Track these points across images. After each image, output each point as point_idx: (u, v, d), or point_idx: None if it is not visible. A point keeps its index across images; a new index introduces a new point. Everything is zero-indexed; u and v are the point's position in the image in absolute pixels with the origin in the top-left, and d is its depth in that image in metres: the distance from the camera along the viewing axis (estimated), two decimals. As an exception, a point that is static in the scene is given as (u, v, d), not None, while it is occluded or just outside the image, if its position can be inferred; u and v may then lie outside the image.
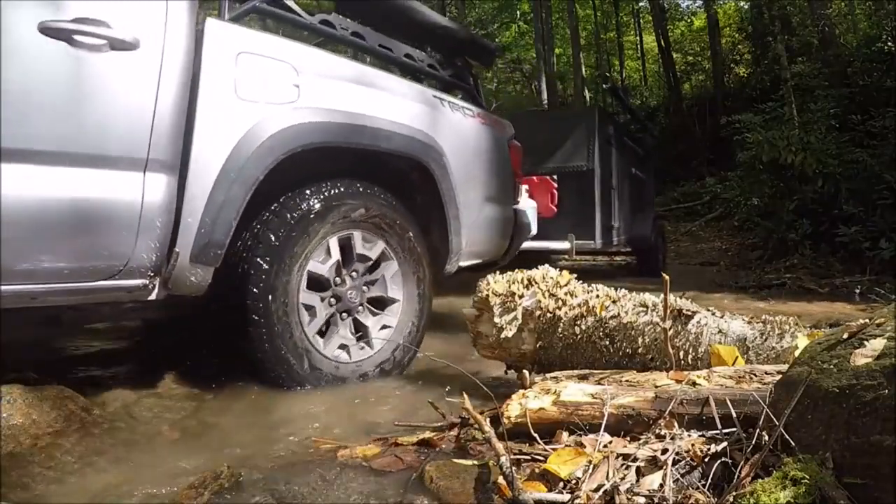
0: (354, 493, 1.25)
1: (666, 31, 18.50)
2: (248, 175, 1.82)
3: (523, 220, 3.22)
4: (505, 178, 3.07)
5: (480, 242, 2.86)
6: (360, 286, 2.26)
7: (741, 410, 1.19)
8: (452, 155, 2.56)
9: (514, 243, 3.17)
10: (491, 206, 2.91)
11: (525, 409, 1.39)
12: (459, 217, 2.60)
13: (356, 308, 2.24)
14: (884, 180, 6.17)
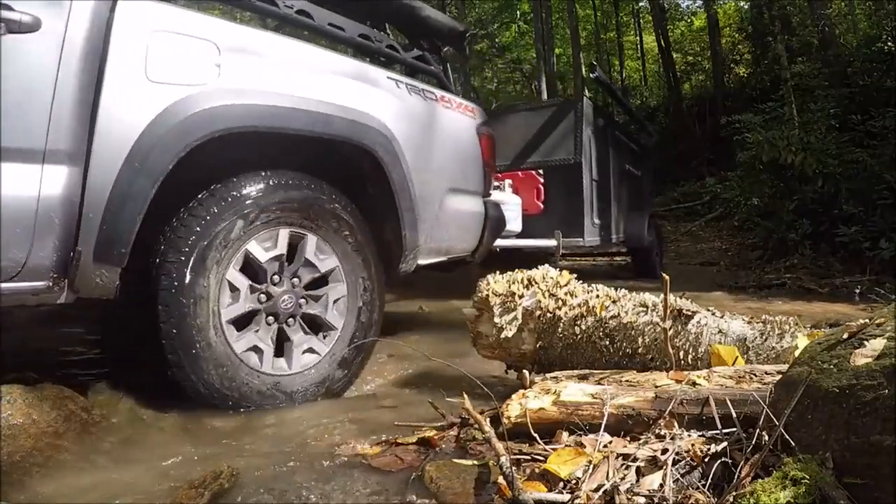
0: (354, 494, 1.25)
1: (666, 31, 18.50)
2: (155, 165, 1.65)
3: (495, 214, 3.00)
4: (473, 167, 2.83)
5: (444, 238, 2.62)
6: (298, 295, 1.99)
7: (741, 410, 1.19)
8: (407, 141, 2.33)
9: (486, 239, 2.94)
10: (456, 198, 2.67)
11: (525, 409, 1.39)
12: (416, 210, 2.36)
13: (285, 316, 1.96)
14: (884, 180, 6.17)
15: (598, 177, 5.49)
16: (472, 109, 2.91)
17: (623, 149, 6.72)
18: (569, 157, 5.21)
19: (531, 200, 5.10)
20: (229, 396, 1.82)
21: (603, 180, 5.67)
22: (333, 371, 2.05)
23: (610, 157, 5.98)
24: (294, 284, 1.99)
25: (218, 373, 1.79)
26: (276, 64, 1.97)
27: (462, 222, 2.77)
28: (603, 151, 5.77)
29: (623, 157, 6.64)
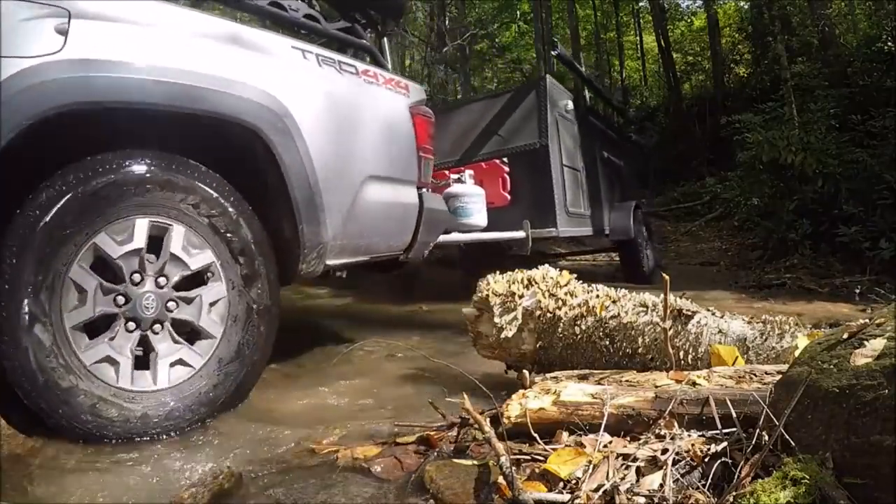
0: (354, 494, 1.25)
1: (666, 31, 18.50)
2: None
3: (433, 206, 2.63)
4: (404, 152, 2.47)
5: (363, 234, 2.28)
6: (164, 297, 1.71)
7: (741, 410, 1.19)
8: (309, 119, 2.04)
9: (422, 235, 2.56)
10: (380, 188, 2.33)
11: (525, 409, 1.39)
12: (318, 201, 2.04)
13: (149, 322, 1.68)
14: (884, 180, 6.16)
15: (570, 162, 5.01)
16: (404, 86, 2.56)
17: (600, 135, 6.25)
18: (533, 141, 4.71)
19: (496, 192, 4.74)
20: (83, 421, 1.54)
21: (576, 167, 5.20)
22: (210, 388, 1.76)
23: (584, 142, 5.49)
24: (160, 284, 1.70)
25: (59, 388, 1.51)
26: (137, 30, 1.69)
27: (388, 216, 2.41)
28: (575, 136, 5.27)
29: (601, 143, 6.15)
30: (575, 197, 5.06)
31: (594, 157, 5.85)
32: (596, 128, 6.11)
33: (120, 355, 1.64)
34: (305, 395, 2.06)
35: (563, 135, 4.93)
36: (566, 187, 4.82)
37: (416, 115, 2.56)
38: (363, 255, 2.35)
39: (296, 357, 2.61)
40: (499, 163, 4.81)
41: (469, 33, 14.36)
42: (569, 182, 4.91)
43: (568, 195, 4.84)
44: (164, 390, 1.68)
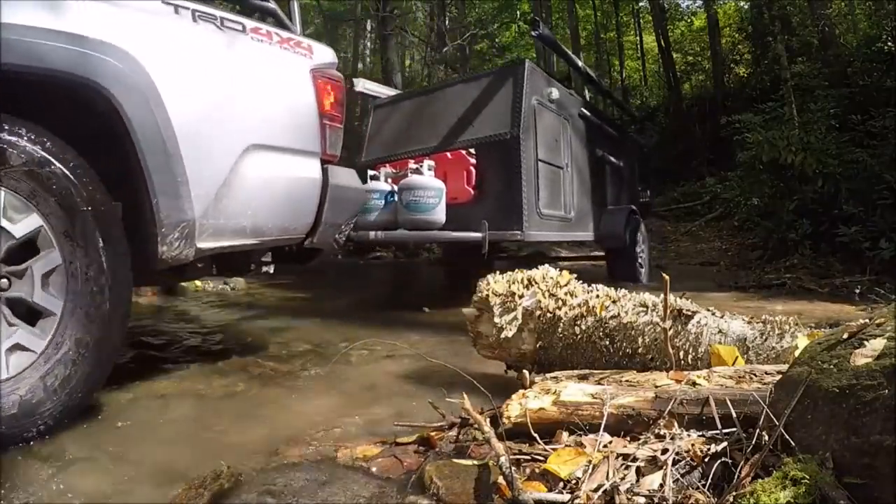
0: (354, 493, 1.25)
1: (666, 31, 18.51)
2: None
3: (341, 183, 2.31)
4: (300, 119, 2.19)
5: (244, 213, 2.01)
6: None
7: (741, 410, 1.19)
8: (172, 78, 1.81)
9: (328, 216, 2.26)
10: (267, 159, 2.06)
11: (525, 409, 1.39)
12: (180, 170, 1.79)
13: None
14: (884, 180, 6.17)
15: (549, 158, 4.46)
16: (306, 47, 2.29)
17: (594, 130, 5.67)
18: (504, 130, 4.14)
19: (460, 186, 4.21)
20: None
21: (558, 163, 4.66)
22: (56, 377, 1.54)
23: (571, 136, 4.95)
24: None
25: None
26: None
27: (280, 192, 2.12)
28: (558, 128, 4.74)
29: (594, 139, 5.62)
30: (553, 197, 4.50)
31: (585, 154, 5.37)
32: (590, 122, 5.61)
33: None
34: (305, 395, 2.06)
35: (542, 126, 4.38)
36: (540, 185, 4.25)
37: (320, 78, 2.26)
38: (250, 237, 2.06)
39: (295, 357, 2.62)
40: (465, 154, 4.29)
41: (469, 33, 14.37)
42: (545, 179, 4.33)
43: (542, 194, 4.28)
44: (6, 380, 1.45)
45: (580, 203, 5.08)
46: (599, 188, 5.72)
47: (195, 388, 2.09)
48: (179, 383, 2.15)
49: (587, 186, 5.35)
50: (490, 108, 4.36)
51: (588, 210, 5.33)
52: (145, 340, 2.97)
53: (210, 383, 2.16)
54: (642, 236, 6.12)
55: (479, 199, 4.15)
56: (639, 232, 6.00)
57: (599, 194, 5.71)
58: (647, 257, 6.24)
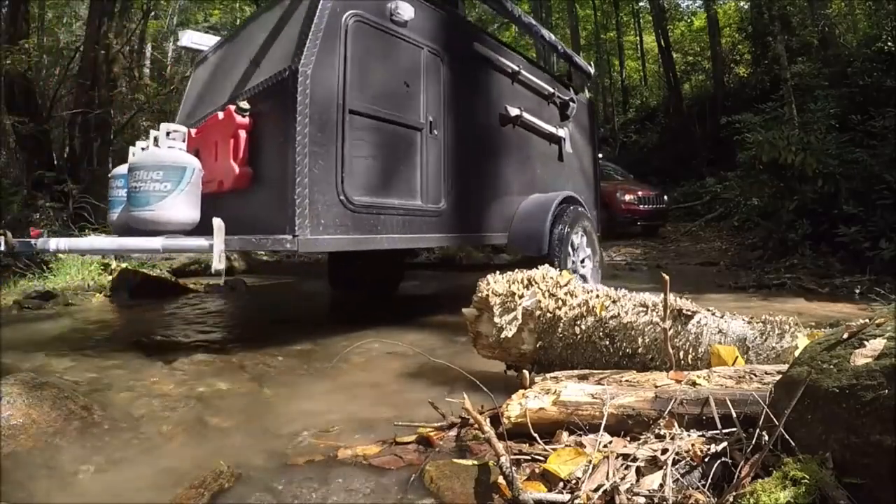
0: (354, 494, 1.25)
1: (666, 31, 18.52)
2: None
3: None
4: None
5: None
6: None
7: (741, 410, 1.19)
8: None
9: None
10: None
11: (525, 409, 1.39)
12: None
13: None
14: (884, 180, 6.17)
15: (383, 110, 2.84)
16: None
17: (504, 80, 3.88)
18: (282, 67, 2.60)
19: (224, 163, 2.67)
20: None
21: (408, 120, 3.00)
22: None
23: (446, 82, 3.27)
24: None
25: None
26: None
27: None
28: (414, 67, 3.10)
29: (502, 92, 3.84)
30: (391, 174, 2.86)
31: (482, 112, 3.63)
32: (492, 66, 3.77)
33: None
34: (305, 394, 2.06)
35: (366, 59, 2.79)
36: (353, 153, 2.64)
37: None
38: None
39: (295, 356, 2.62)
40: (235, 112, 2.64)
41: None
42: (370, 145, 2.73)
43: (360, 170, 2.68)
44: None
45: (466, 187, 3.29)
46: (514, 166, 3.82)
47: (195, 388, 2.09)
48: (179, 382, 2.15)
49: (486, 162, 3.50)
50: (282, 37, 2.90)
51: (488, 198, 3.53)
52: (145, 340, 2.97)
53: (210, 382, 2.16)
54: (584, 241, 4.09)
55: (260, 184, 2.62)
56: (577, 234, 3.98)
57: (514, 176, 3.83)
58: (594, 274, 4.18)
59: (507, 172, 3.85)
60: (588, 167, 5.25)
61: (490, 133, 3.75)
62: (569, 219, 3.85)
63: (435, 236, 3.18)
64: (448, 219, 3.23)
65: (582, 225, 4.06)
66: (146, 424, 1.74)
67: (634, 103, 22.19)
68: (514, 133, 3.95)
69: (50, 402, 1.64)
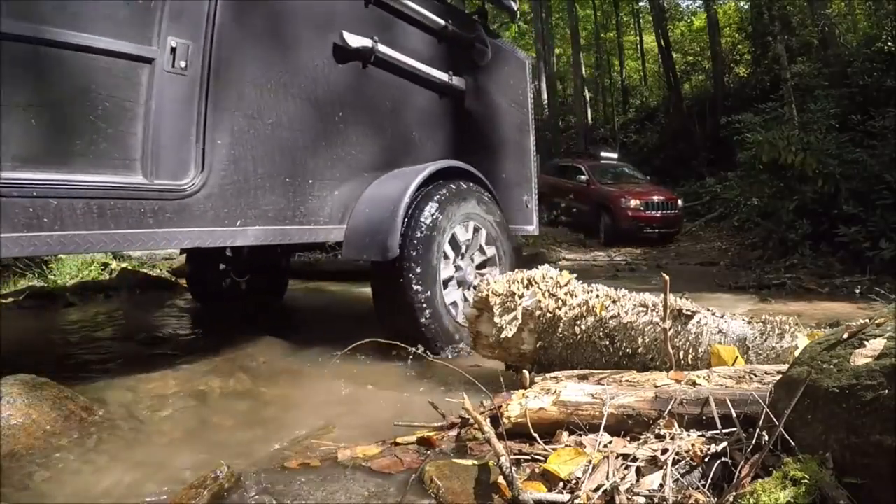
0: (354, 494, 1.25)
1: (666, 31, 18.52)
2: None
3: None
4: None
5: None
6: None
7: (741, 410, 1.19)
8: None
9: None
10: None
11: (525, 409, 1.39)
12: None
13: None
14: (884, 180, 6.17)
15: (75, 31, 1.72)
16: None
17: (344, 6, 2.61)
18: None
19: None
20: None
21: (130, 50, 1.85)
22: None
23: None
24: None
25: None
26: None
27: None
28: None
29: (324, 12, 2.53)
30: (65, 135, 1.77)
31: (286, 38, 2.41)
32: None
33: None
34: (305, 394, 2.06)
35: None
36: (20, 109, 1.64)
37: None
38: None
39: (295, 356, 2.61)
40: None
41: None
42: (33, 87, 1.70)
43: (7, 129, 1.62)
44: None
45: (255, 154, 2.22)
46: (364, 125, 2.64)
47: (195, 388, 2.09)
48: (179, 382, 2.15)
49: (303, 118, 2.39)
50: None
51: (304, 172, 2.38)
52: (145, 339, 2.97)
53: (210, 382, 2.16)
54: (480, 238, 2.84)
55: None
56: (463, 227, 2.73)
57: (364, 139, 2.64)
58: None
59: (350, 133, 2.54)
60: (515, 139, 3.66)
61: (312, 73, 2.41)
62: (444, 203, 2.53)
63: (176, 231, 1.96)
64: (208, 203, 2.05)
65: (473, 213, 2.71)
66: (146, 424, 1.74)
67: (634, 103, 22.19)
68: (363, 76, 2.60)
69: (50, 402, 1.64)
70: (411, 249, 2.44)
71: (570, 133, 20.99)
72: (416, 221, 2.48)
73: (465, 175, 2.87)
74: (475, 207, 2.78)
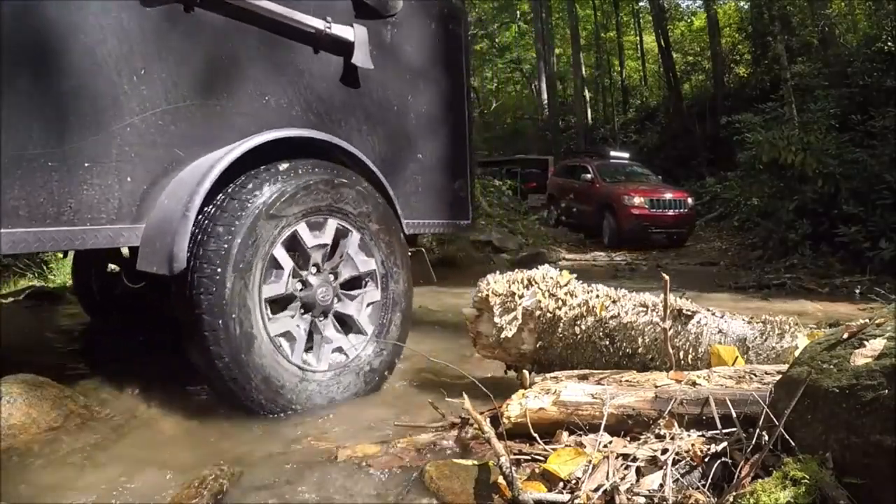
0: (354, 494, 1.25)
1: (666, 31, 18.52)
2: None
3: None
4: None
5: None
6: None
7: (741, 410, 1.19)
8: None
9: None
10: None
11: (525, 409, 1.39)
12: None
13: None
14: (884, 180, 6.17)
15: None
16: None
17: None
18: None
19: None
20: None
21: None
22: None
23: None
24: None
25: None
26: None
27: None
28: None
29: None
30: None
31: None
32: None
33: None
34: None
35: None
36: None
37: None
38: None
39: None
40: None
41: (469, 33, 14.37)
42: None
43: None
44: None
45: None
46: (179, 88, 1.85)
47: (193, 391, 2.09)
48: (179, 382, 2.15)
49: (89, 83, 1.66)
50: None
51: (82, 154, 1.65)
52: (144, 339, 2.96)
53: (210, 383, 2.15)
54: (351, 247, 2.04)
55: None
56: (288, 224, 1.87)
57: (180, 109, 1.85)
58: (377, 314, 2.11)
59: (158, 97, 1.81)
60: (439, 110, 2.73)
61: (99, 18, 1.68)
62: (275, 190, 1.83)
63: None
64: None
65: (336, 207, 1.98)
66: (146, 424, 1.74)
67: (634, 103, 22.20)
68: (184, 21, 1.88)
69: (50, 401, 1.64)
70: (204, 260, 1.70)
71: (570, 133, 21.01)
72: (221, 217, 1.75)
73: (330, 152, 2.08)
74: (340, 199, 1.98)
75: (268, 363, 1.74)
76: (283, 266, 1.85)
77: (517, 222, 9.75)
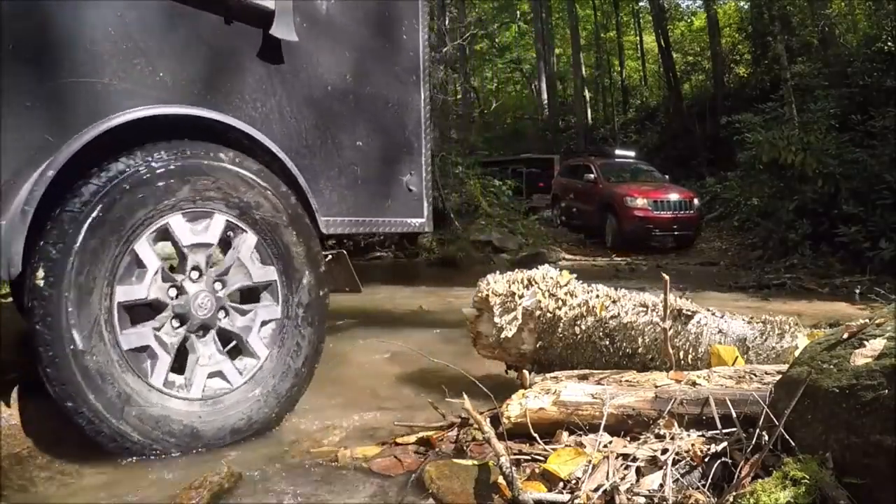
0: (354, 494, 1.25)
1: (666, 31, 18.52)
2: None
3: None
4: None
5: None
6: None
7: (741, 410, 1.19)
8: None
9: None
10: None
11: (525, 409, 1.39)
12: None
13: None
14: (884, 180, 6.17)
15: None
16: None
17: None
18: None
19: None
20: None
21: None
22: None
23: None
24: None
25: None
26: None
27: None
28: None
29: None
30: None
31: None
32: None
33: None
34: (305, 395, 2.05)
35: None
36: None
37: None
38: None
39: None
40: None
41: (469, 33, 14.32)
42: None
43: None
44: None
45: None
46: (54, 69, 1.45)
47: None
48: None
49: None
50: None
51: None
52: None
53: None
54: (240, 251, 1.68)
55: None
56: (151, 218, 1.53)
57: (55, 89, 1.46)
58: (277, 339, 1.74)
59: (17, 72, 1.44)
60: (387, 92, 2.37)
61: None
62: (134, 180, 1.52)
63: None
64: None
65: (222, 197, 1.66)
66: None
67: (634, 103, 22.19)
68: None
69: (50, 402, 1.63)
70: (40, 258, 1.40)
71: (570, 133, 21.00)
72: (63, 203, 1.44)
73: (225, 135, 1.74)
74: (232, 189, 1.66)
75: (116, 389, 1.41)
76: (147, 265, 1.51)
77: (517, 222, 9.74)
